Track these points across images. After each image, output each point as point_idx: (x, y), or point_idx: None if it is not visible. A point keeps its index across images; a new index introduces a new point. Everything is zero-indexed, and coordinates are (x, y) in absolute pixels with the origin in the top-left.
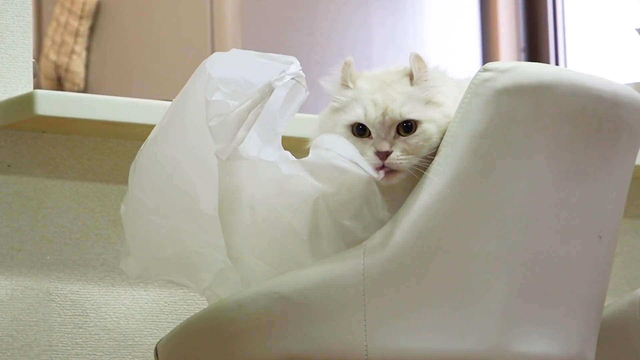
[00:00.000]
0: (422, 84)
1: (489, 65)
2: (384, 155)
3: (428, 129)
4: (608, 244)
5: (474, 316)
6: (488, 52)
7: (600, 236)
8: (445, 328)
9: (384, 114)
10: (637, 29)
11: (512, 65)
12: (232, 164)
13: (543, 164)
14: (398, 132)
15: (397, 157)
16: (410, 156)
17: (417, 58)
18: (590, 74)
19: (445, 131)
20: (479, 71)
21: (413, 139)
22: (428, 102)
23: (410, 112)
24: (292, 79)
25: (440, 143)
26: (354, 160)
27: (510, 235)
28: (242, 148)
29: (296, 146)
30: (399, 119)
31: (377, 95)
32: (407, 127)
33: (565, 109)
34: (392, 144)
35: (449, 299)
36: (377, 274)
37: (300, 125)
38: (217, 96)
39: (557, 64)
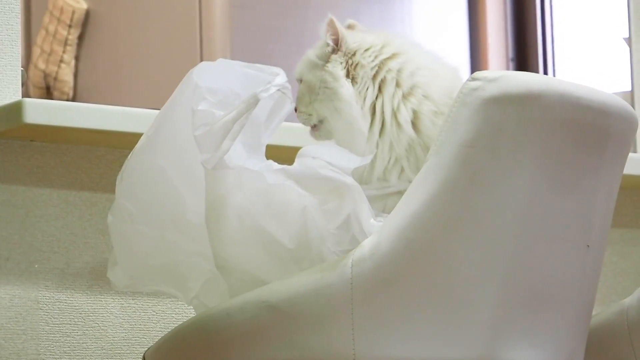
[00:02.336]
0: (325, 48)
1: (477, 74)
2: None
3: (301, 88)
4: (596, 254)
5: (463, 325)
6: (477, 62)
7: (588, 245)
8: (433, 336)
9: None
10: (624, 39)
11: (500, 75)
12: (219, 173)
13: (531, 173)
14: None
15: (297, 112)
16: (302, 113)
17: (328, 22)
18: (578, 84)
19: (322, 97)
20: (467, 80)
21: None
22: (322, 67)
23: (298, 72)
24: (278, 90)
25: (317, 108)
26: (342, 169)
27: (498, 244)
28: (227, 158)
29: (282, 155)
30: (296, 76)
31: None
32: None
33: (554, 119)
34: (297, 100)
35: (437, 308)
36: (365, 283)
37: (286, 134)
38: (204, 106)
39: (545, 73)
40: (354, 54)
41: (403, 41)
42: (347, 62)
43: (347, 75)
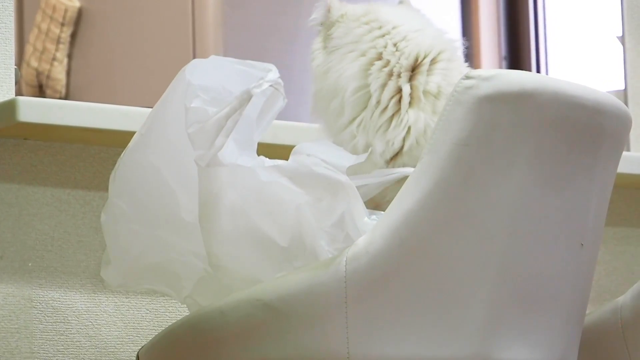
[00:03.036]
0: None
1: (471, 72)
2: None
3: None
4: (590, 252)
5: (457, 323)
6: (469, 60)
7: (582, 244)
8: (427, 335)
9: None
10: (618, 37)
11: (494, 73)
12: (212, 170)
13: (525, 171)
14: None
15: None
16: None
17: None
18: (572, 82)
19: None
20: (461, 79)
21: None
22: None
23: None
24: (270, 86)
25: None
26: (336, 167)
27: (492, 242)
28: (221, 155)
29: (273, 154)
30: None
31: None
32: None
33: (548, 117)
34: None
35: (431, 306)
36: (359, 281)
37: (278, 132)
38: (196, 103)
39: (538, 72)
40: (332, 25)
41: (388, 9)
42: (325, 33)
43: (325, 47)
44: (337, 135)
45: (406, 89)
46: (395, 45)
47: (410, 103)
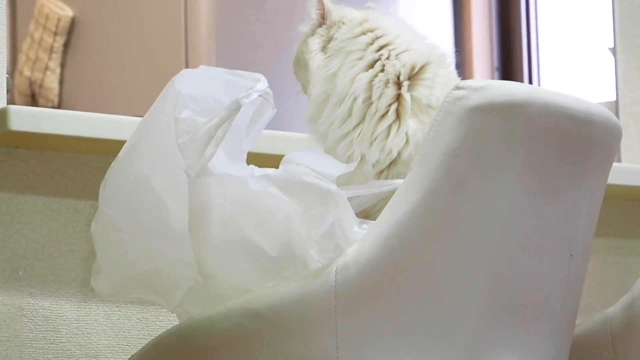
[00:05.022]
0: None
1: (461, 83)
2: None
3: (297, 54)
4: (580, 263)
5: (446, 333)
6: (462, 71)
7: (572, 254)
8: (417, 344)
9: None
10: (609, 49)
11: (485, 84)
12: (202, 180)
13: (515, 182)
14: None
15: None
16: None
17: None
18: (563, 93)
19: (302, 66)
20: (452, 89)
21: None
22: (307, 37)
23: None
24: (260, 96)
25: (298, 75)
26: (326, 177)
27: (482, 252)
28: (211, 164)
29: (263, 164)
30: None
31: None
32: None
33: (538, 128)
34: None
35: (421, 316)
36: (348, 291)
37: (267, 142)
38: (186, 113)
39: (530, 82)
40: (332, 28)
41: (386, 18)
42: (326, 34)
43: (324, 48)
44: (334, 143)
45: (407, 99)
46: (397, 56)
47: (410, 113)
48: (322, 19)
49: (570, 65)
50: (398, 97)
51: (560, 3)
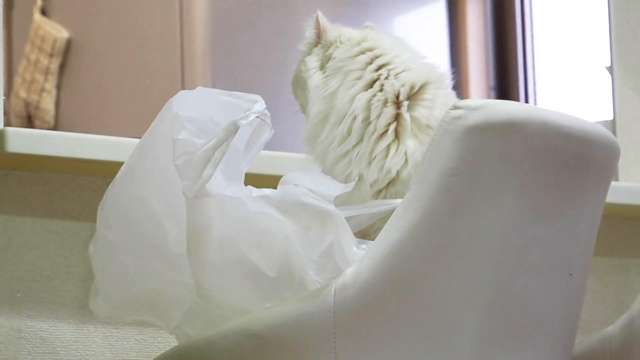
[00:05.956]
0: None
1: (459, 102)
2: None
3: (295, 74)
4: (579, 282)
5: (445, 354)
6: (458, 90)
7: (570, 274)
8: None
9: None
10: (606, 67)
11: (482, 103)
12: (200, 201)
13: (513, 201)
14: None
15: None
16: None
17: (315, 17)
18: (560, 112)
19: (300, 85)
20: (450, 109)
21: None
22: (304, 56)
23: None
24: (257, 117)
25: (296, 93)
26: (324, 197)
27: (480, 272)
28: (209, 185)
29: (261, 184)
30: None
31: None
32: None
33: (536, 147)
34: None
35: (420, 337)
36: (347, 312)
37: (265, 162)
38: (184, 135)
39: (526, 102)
40: (329, 47)
41: (384, 37)
42: (323, 53)
43: (322, 67)
44: (333, 162)
45: (407, 119)
46: (396, 75)
47: (409, 133)
48: (318, 38)
49: (567, 84)
50: (397, 117)
51: (557, 22)
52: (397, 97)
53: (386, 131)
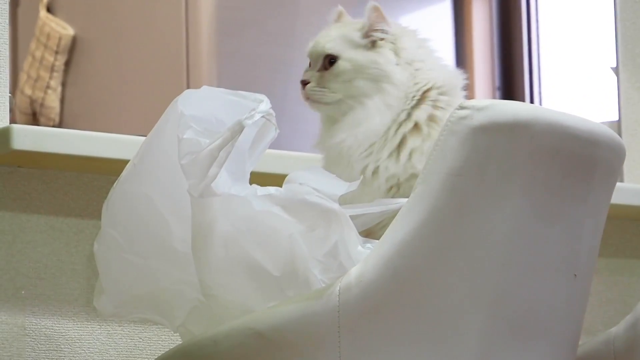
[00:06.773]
0: (372, 32)
1: (465, 103)
2: (303, 84)
3: (341, 65)
4: (583, 283)
5: (450, 354)
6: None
7: (575, 275)
8: None
9: (314, 46)
10: (612, 68)
11: (488, 103)
12: (205, 200)
13: (519, 201)
14: (324, 67)
15: (312, 87)
16: (324, 89)
17: (374, 8)
18: (566, 113)
19: (368, 77)
20: (456, 109)
21: (327, 74)
22: (367, 48)
23: (332, 48)
24: (262, 117)
25: (358, 86)
26: (329, 196)
27: (485, 272)
28: (214, 185)
29: (266, 183)
30: (322, 52)
31: (322, 33)
32: (331, 62)
33: (542, 147)
34: (312, 76)
35: (425, 336)
36: (352, 311)
37: (270, 161)
38: (189, 134)
39: (532, 102)
40: (396, 39)
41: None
42: (393, 47)
43: (399, 59)
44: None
45: (432, 116)
46: (423, 75)
47: (432, 132)
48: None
49: (572, 85)
50: (421, 115)
51: (562, 22)
52: (423, 94)
53: (410, 128)
